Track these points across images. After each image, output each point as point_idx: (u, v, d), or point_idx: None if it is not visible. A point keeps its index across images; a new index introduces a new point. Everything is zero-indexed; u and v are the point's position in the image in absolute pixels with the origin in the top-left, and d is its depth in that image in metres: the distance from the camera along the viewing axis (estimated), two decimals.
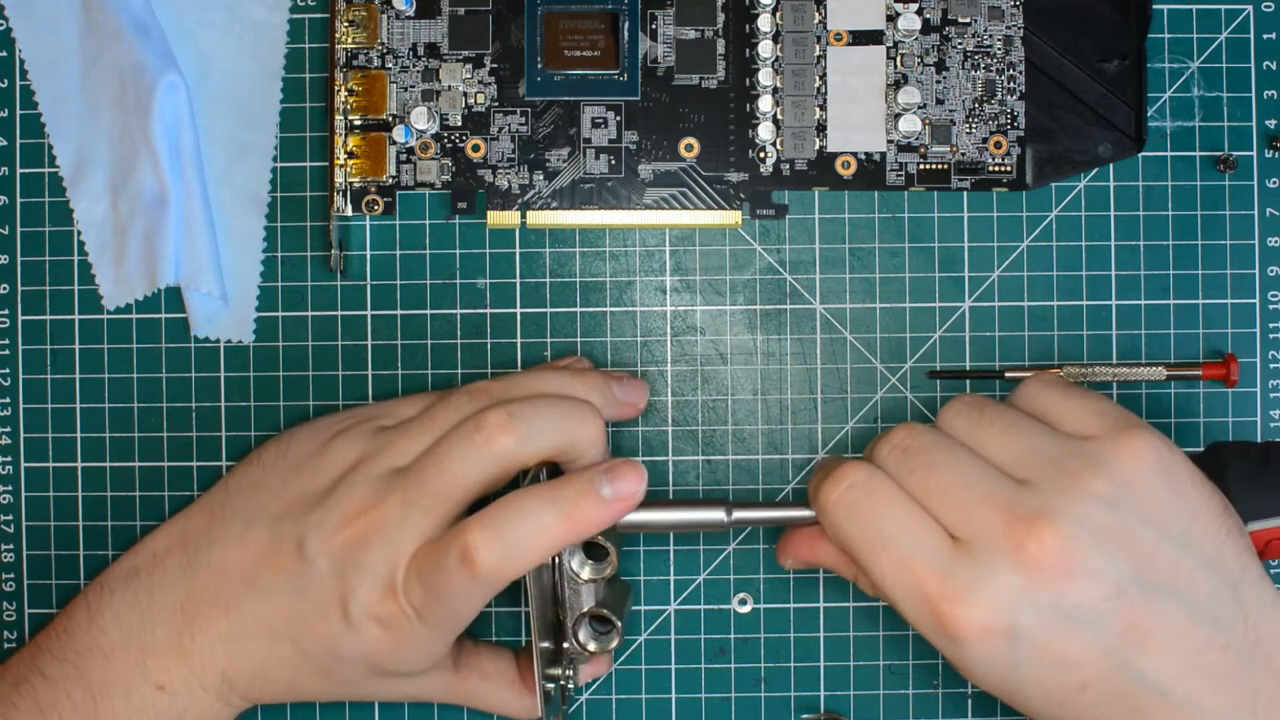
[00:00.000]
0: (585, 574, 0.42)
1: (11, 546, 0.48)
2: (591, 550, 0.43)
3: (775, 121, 0.48)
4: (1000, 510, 0.37)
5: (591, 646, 0.44)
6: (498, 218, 0.47)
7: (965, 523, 0.38)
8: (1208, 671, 0.37)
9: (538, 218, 0.47)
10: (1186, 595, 0.37)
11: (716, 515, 0.43)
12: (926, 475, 0.39)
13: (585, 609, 0.43)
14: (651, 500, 0.42)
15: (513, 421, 0.41)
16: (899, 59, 0.47)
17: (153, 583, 0.44)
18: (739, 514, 0.43)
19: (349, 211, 0.48)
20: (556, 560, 0.42)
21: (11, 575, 0.48)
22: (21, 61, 0.48)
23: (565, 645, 0.44)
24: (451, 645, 0.43)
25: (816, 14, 0.47)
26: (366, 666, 0.42)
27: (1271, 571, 0.47)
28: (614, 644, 0.43)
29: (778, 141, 0.48)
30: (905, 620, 0.39)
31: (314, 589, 0.41)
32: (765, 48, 0.47)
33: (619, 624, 0.43)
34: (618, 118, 0.47)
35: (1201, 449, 0.47)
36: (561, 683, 0.44)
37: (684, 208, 0.48)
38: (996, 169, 0.48)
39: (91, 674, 0.42)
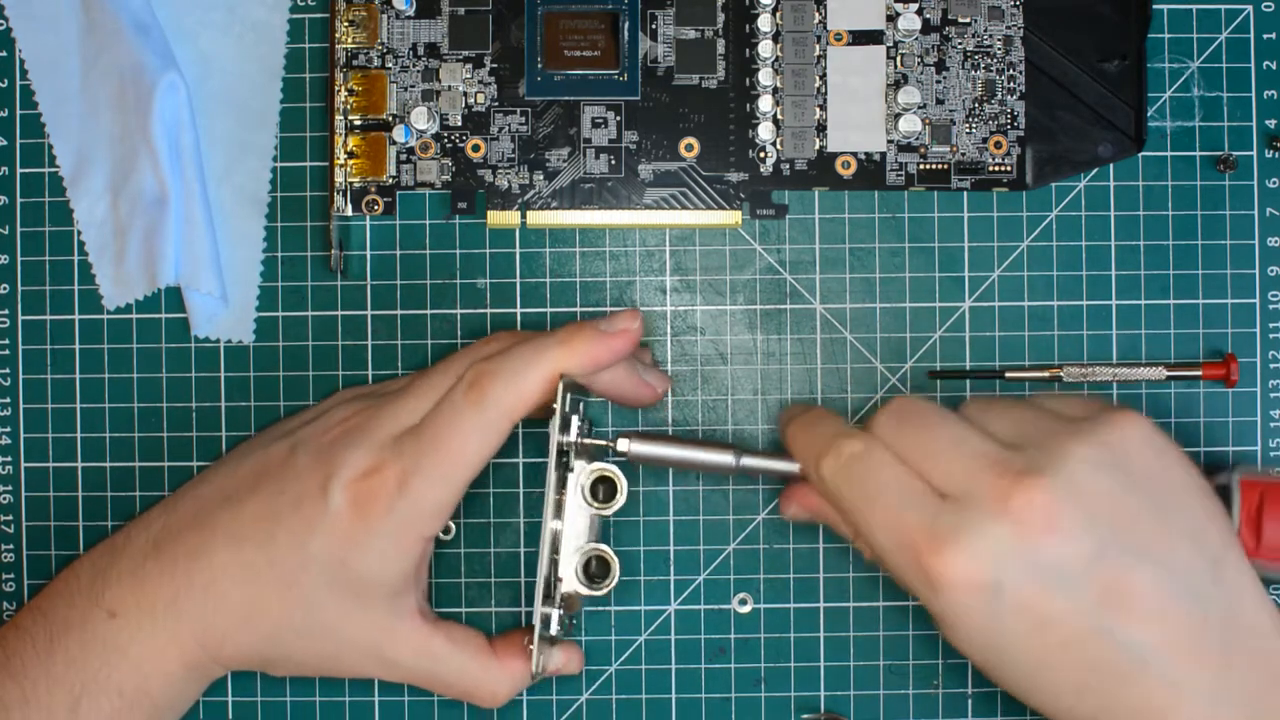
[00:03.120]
0: (595, 503, 0.44)
1: (11, 546, 0.48)
2: (602, 488, 0.44)
3: (775, 121, 0.48)
4: (988, 465, 0.38)
5: (586, 590, 0.44)
6: (498, 218, 0.47)
7: (954, 478, 0.39)
8: (1186, 644, 0.37)
9: (538, 218, 0.47)
10: (1167, 564, 0.37)
11: (725, 458, 0.44)
12: (919, 435, 0.40)
13: (585, 544, 0.44)
14: (664, 435, 0.45)
15: (495, 367, 0.42)
16: (899, 59, 0.47)
17: (132, 528, 0.44)
18: (747, 460, 0.44)
19: (349, 211, 0.48)
20: (563, 485, 0.43)
21: (11, 575, 0.48)
22: (21, 61, 0.48)
23: (558, 587, 0.44)
24: (418, 565, 0.43)
25: (816, 14, 0.47)
26: (330, 573, 0.41)
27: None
28: (610, 586, 0.44)
29: (778, 141, 0.48)
30: (893, 577, 0.40)
31: (295, 481, 0.42)
32: (765, 48, 0.47)
33: (617, 563, 0.44)
34: (618, 118, 0.47)
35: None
36: (553, 627, 0.44)
37: (684, 208, 0.48)
38: (996, 169, 0.48)
39: (54, 614, 0.42)
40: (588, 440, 0.44)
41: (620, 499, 0.44)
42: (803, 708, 0.48)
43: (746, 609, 0.48)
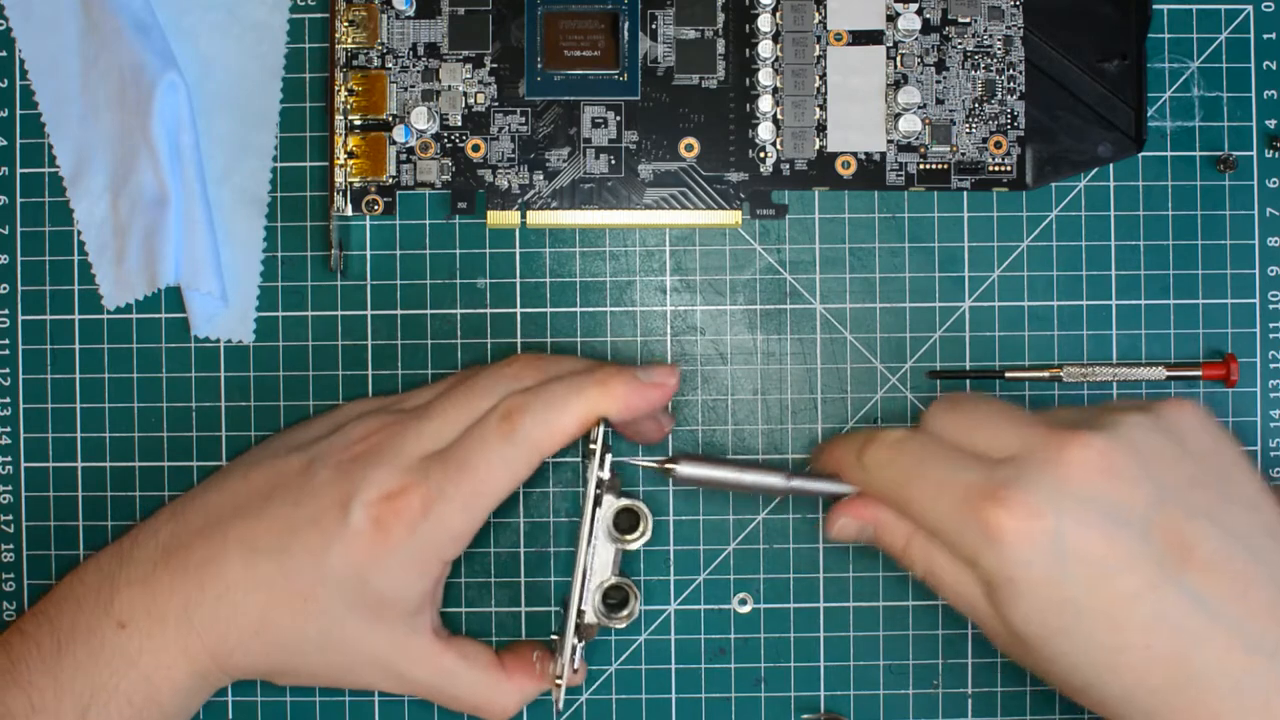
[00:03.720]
0: (622, 536, 0.44)
1: (11, 546, 0.48)
2: (624, 519, 0.44)
3: (775, 121, 0.48)
4: (1042, 427, 0.38)
5: (605, 621, 0.44)
6: (498, 218, 0.47)
7: (1006, 443, 0.38)
8: (1255, 601, 0.36)
9: (538, 218, 0.47)
10: (1226, 524, 0.37)
11: (775, 480, 0.43)
12: (965, 415, 0.40)
13: (607, 578, 0.44)
14: (714, 457, 0.44)
15: (529, 400, 0.41)
16: (899, 59, 0.47)
17: (139, 533, 0.44)
18: (797, 482, 0.43)
19: (349, 211, 0.48)
20: (593, 515, 0.43)
21: (11, 575, 0.48)
22: (21, 61, 0.48)
23: (580, 614, 0.44)
24: (435, 586, 0.43)
25: (816, 14, 0.47)
26: (348, 590, 0.41)
27: None
28: (629, 619, 0.44)
29: (778, 141, 0.48)
30: (948, 543, 0.39)
31: (313, 497, 0.41)
32: (765, 48, 0.47)
33: (636, 598, 0.44)
34: (618, 118, 0.47)
35: None
36: (577, 660, 0.44)
37: (684, 208, 0.48)
38: (996, 169, 0.48)
39: (61, 621, 0.42)
40: (616, 477, 0.44)
41: (646, 534, 0.44)
42: (803, 708, 0.48)
43: (746, 609, 0.48)
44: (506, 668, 0.45)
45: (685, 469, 0.43)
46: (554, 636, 0.45)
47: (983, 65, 0.47)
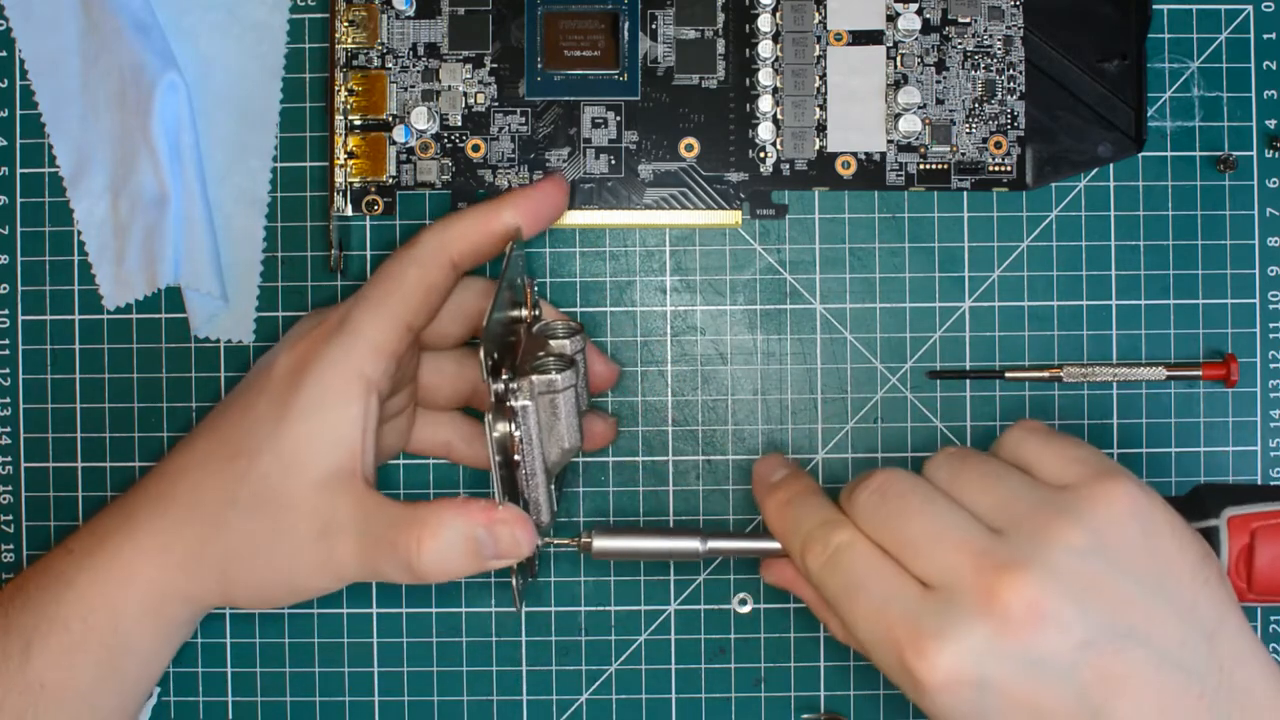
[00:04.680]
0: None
1: (11, 546, 0.48)
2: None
3: (775, 121, 0.48)
4: (972, 557, 0.37)
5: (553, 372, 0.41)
6: None
7: (937, 570, 0.38)
8: (1189, 711, 0.36)
9: None
10: (1158, 643, 0.36)
11: (691, 545, 0.43)
12: (901, 523, 0.39)
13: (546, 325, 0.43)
14: (626, 529, 0.44)
15: (433, 222, 0.43)
16: (899, 59, 0.47)
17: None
18: (713, 544, 0.43)
19: (349, 211, 0.48)
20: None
21: (12, 576, 0.48)
22: (21, 61, 0.48)
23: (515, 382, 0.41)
24: (362, 423, 0.41)
25: (816, 14, 0.47)
26: (271, 428, 0.40)
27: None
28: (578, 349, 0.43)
29: (778, 141, 0.48)
30: (880, 669, 0.39)
31: (252, 370, 0.43)
32: (765, 48, 0.47)
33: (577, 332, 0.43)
34: (618, 118, 0.47)
35: (1186, 493, 0.46)
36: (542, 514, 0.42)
37: (684, 208, 0.48)
38: (996, 169, 0.48)
39: (28, 577, 0.42)
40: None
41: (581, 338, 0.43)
42: (803, 708, 0.48)
43: (746, 609, 0.48)
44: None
45: (601, 543, 0.43)
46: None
47: (983, 65, 0.47)
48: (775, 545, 0.43)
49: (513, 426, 0.40)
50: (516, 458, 0.41)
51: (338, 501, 0.40)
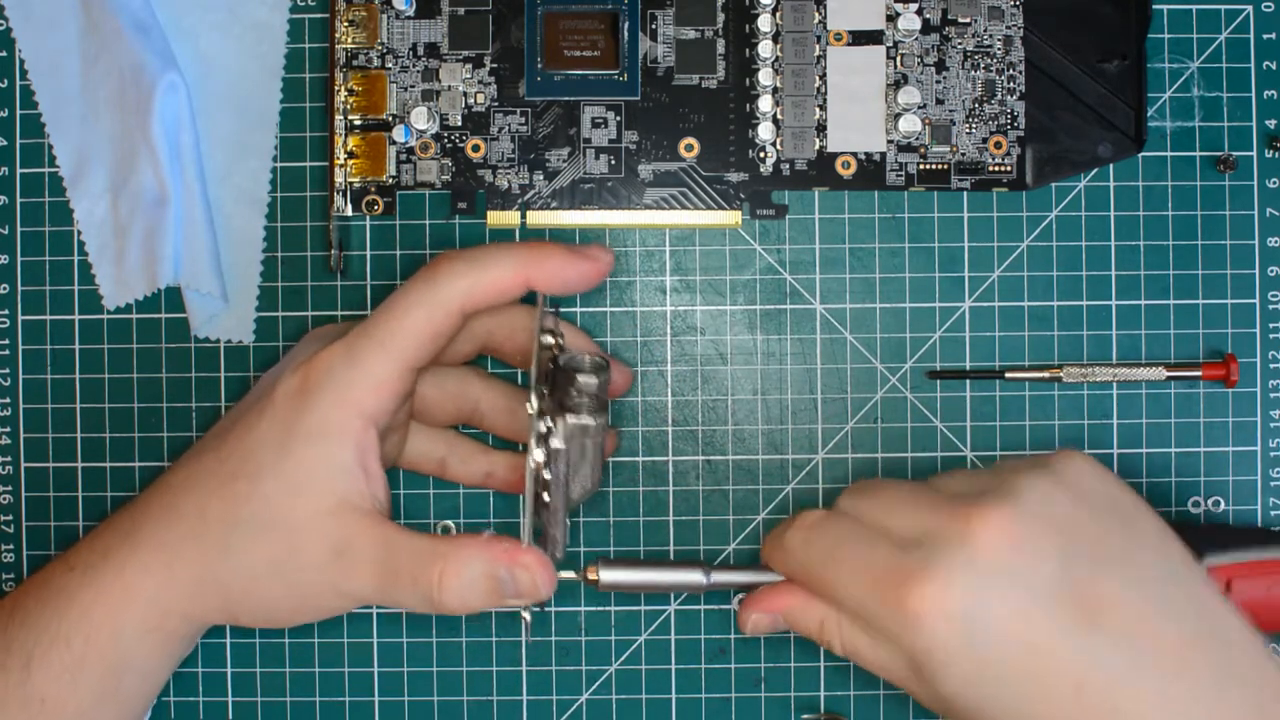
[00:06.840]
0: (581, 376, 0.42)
1: (11, 547, 0.48)
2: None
3: (775, 121, 0.48)
4: (946, 505, 0.39)
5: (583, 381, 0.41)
6: (498, 218, 0.47)
7: (914, 525, 0.39)
8: (1170, 640, 0.37)
9: (538, 218, 0.47)
10: (1134, 572, 0.38)
11: (695, 577, 0.43)
12: (875, 499, 0.41)
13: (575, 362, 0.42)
14: (630, 560, 0.44)
15: (455, 254, 0.41)
16: (899, 59, 0.47)
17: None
18: (717, 576, 0.44)
19: (349, 211, 0.48)
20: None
21: (12, 576, 0.48)
22: (21, 61, 0.48)
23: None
24: (365, 454, 0.41)
25: (816, 14, 0.47)
26: (275, 452, 0.40)
27: None
28: (601, 379, 0.42)
29: (778, 141, 0.48)
30: (873, 629, 0.39)
31: (255, 391, 0.43)
32: (765, 48, 0.47)
33: (604, 363, 0.42)
34: (618, 118, 0.47)
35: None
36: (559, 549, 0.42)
37: (684, 208, 0.48)
38: (996, 169, 0.48)
39: (27, 584, 0.42)
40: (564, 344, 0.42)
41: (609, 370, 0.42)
42: (803, 708, 0.48)
43: None
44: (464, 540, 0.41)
45: (607, 575, 0.43)
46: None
47: (983, 65, 0.47)
48: (778, 577, 0.43)
49: (546, 465, 0.41)
50: (545, 496, 0.41)
51: (351, 530, 0.40)
